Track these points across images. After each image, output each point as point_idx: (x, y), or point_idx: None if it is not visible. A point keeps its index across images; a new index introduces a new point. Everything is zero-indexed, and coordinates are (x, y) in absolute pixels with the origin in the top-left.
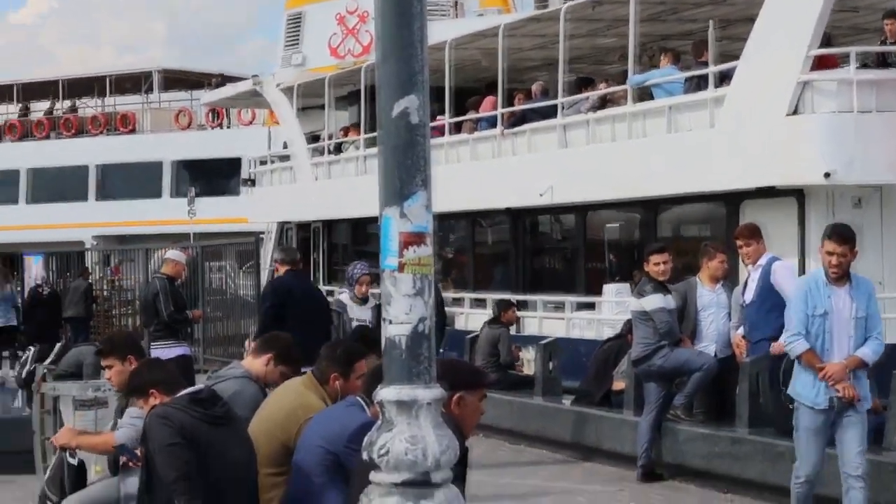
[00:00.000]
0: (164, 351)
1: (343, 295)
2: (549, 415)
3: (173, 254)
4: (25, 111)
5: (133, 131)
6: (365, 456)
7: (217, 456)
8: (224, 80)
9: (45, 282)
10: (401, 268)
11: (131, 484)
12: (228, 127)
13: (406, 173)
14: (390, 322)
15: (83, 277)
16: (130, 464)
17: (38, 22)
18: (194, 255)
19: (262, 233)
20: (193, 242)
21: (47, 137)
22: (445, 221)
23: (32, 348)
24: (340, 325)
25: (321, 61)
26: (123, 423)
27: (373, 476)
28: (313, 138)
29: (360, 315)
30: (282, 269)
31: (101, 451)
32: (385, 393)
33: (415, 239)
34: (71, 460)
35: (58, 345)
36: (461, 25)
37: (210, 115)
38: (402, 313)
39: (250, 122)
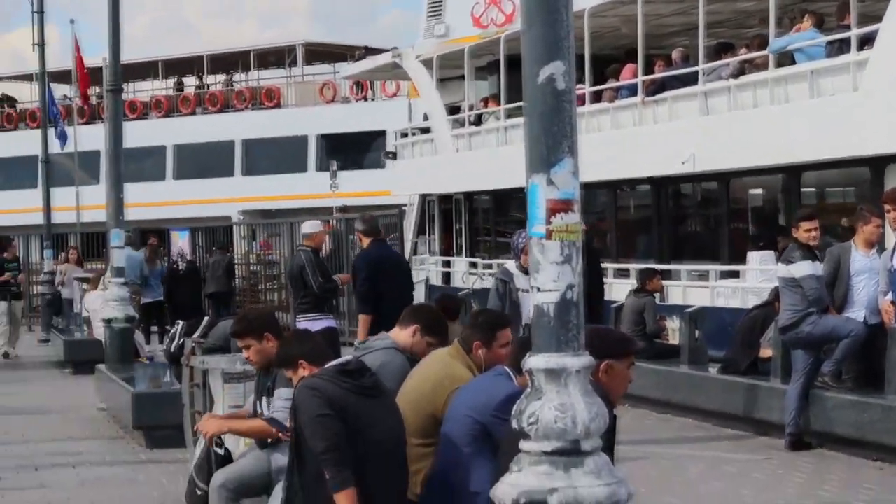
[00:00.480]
0: (310, 324)
1: (509, 264)
2: (695, 383)
3: (310, 225)
4: (180, 86)
5: (278, 106)
6: (514, 425)
7: (366, 427)
8: (367, 52)
9: (182, 257)
10: (548, 235)
11: (281, 457)
12: (373, 99)
13: (552, 140)
14: (538, 290)
15: (222, 252)
16: (280, 436)
17: None
18: (338, 228)
19: (405, 205)
20: (336, 216)
21: (193, 113)
22: (586, 191)
23: (180, 323)
24: (507, 294)
25: (464, 31)
26: (274, 406)
27: (522, 445)
28: (453, 109)
29: (525, 285)
30: (366, 241)
31: (257, 435)
32: (534, 361)
33: (562, 206)
34: (218, 450)
35: (205, 319)
36: None
37: (354, 87)
38: (550, 281)
39: (394, 95)
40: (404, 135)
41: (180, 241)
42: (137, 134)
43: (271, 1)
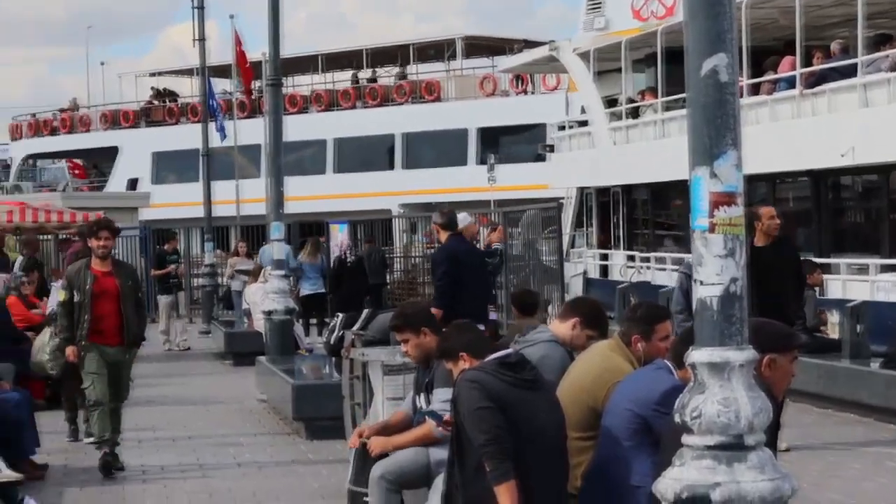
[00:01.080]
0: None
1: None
2: (857, 378)
3: (460, 219)
4: (356, 80)
5: (438, 99)
6: (677, 419)
7: (526, 420)
8: (527, 45)
9: (350, 250)
10: (711, 228)
11: (440, 451)
12: (533, 93)
13: (715, 132)
14: (701, 283)
15: (371, 245)
16: (440, 429)
17: None
18: (495, 221)
19: (563, 199)
20: (494, 209)
21: (353, 107)
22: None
23: (340, 315)
24: (691, 288)
25: (623, 24)
26: (435, 404)
27: (685, 439)
28: (610, 102)
29: None
30: (444, 234)
31: (421, 442)
32: (697, 355)
33: (725, 199)
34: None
35: (365, 311)
36: None
37: (515, 81)
38: (714, 274)
39: (554, 88)
40: (562, 128)
41: (340, 235)
42: (298, 128)
43: None
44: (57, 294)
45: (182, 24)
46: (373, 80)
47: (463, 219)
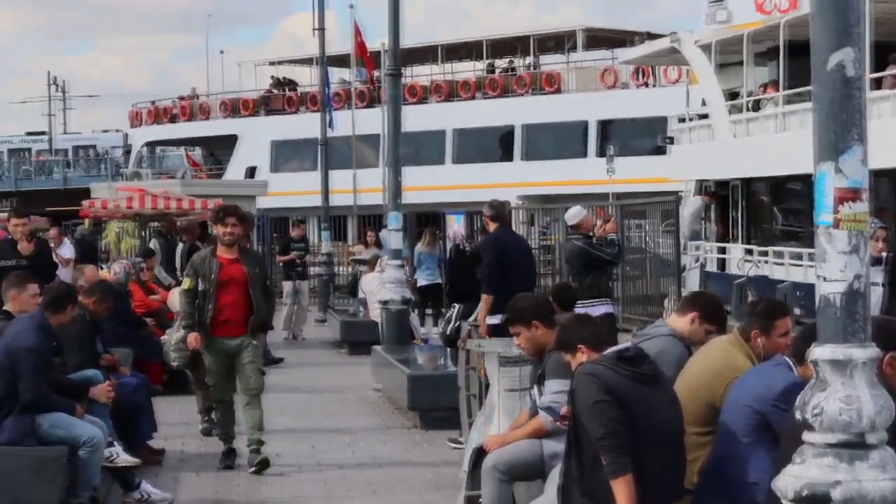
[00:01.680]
0: (588, 309)
1: None
2: None
3: (573, 214)
4: (491, 68)
5: (558, 91)
6: (798, 416)
7: (645, 414)
8: (649, 37)
9: (465, 240)
10: (836, 224)
11: (554, 443)
12: (654, 86)
13: (841, 127)
14: (825, 279)
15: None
16: (558, 424)
17: None
18: (611, 214)
19: (681, 192)
20: (612, 202)
21: (472, 98)
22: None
23: (456, 306)
24: None
25: (746, 17)
26: (549, 396)
27: (805, 436)
28: (731, 95)
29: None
30: (493, 225)
31: (535, 436)
32: (819, 352)
33: (850, 195)
34: None
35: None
36: None
37: (636, 73)
38: (837, 270)
39: (676, 81)
40: (682, 120)
41: (455, 225)
42: (417, 118)
43: None
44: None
45: (301, 14)
46: (509, 69)
47: (576, 214)
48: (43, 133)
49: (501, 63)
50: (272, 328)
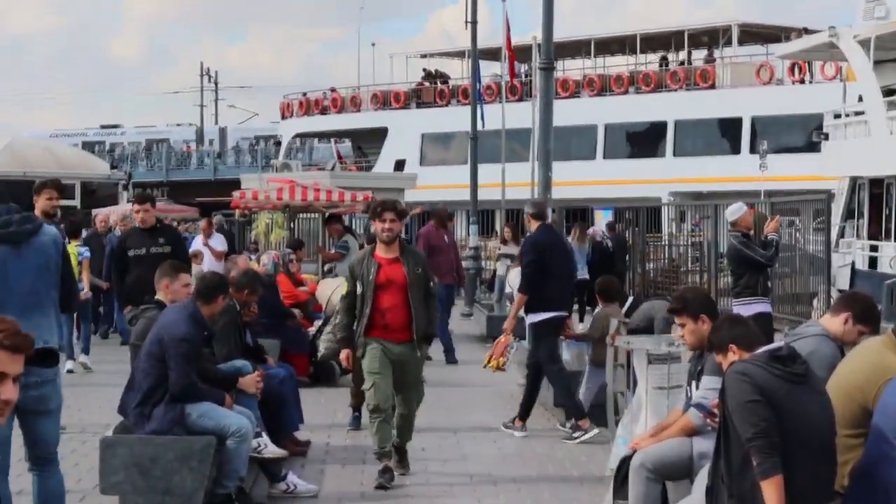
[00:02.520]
0: (743, 308)
1: None
2: None
3: (732, 210)
4: (664, 61)
5: (712, 87)
6: None
7: (796, 415)
8: (805, 33)
9: (605, 235)
10: None
11: (704, 441)
12: (810, 82)
13: None
14: None
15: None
16: (708, 421)
17: None
18: (762, 212)
19: (833, 190)
20: (763, 199)
21: (626, 93)
22: None
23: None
24: None
25: None
26: (700, 392)
27: None
28: (888, 92)
29: None
30: (534, 224)
31: (684, 434)
32: None
33: None
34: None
35: (630, 298)
36: None
37: (792, 70)
38: None
39: (833, 78)
40: (837, 116)
41: (603, 221)
42: (569, 112)
43: None
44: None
45: (452, 7)
46: (683, 63)
47: (735, 211)
48: (117, 126)
49: (674, 56)
50: (436, 336)
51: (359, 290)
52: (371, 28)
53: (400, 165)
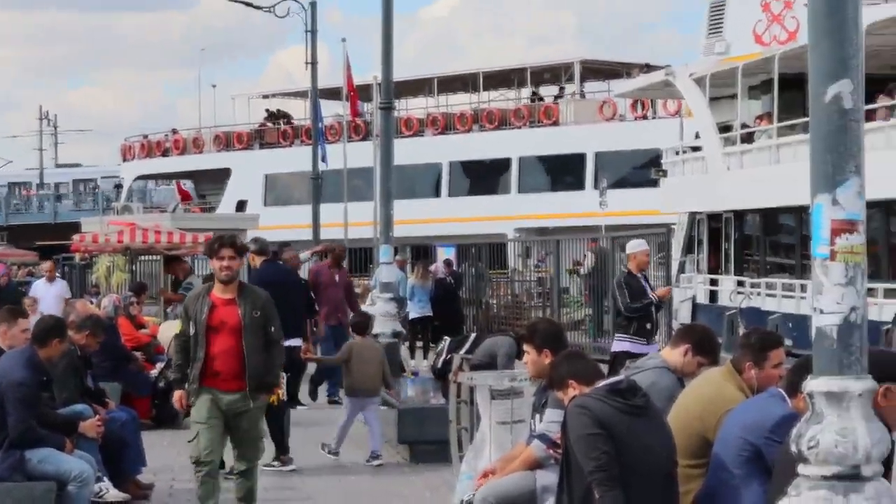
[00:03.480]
0: (614, 342)
1: None
2: None
3: (632, 244)
4: (538, 96)
5: (555, 123)
6: (793, 448)
7: (636, 446)
8: (648, 69)
9: (450, 273)
10: (832, 256)
11: (547, 475)
12: (653, 118)
13: (838, 159)
14: (821, 312)
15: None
16: (551, 452)
17: (449, 15)
18: (604, 247)
19: (674, 224)
20: (604, 234)
21: (469, 131)
22: None
23: (447, 339)
24: None
25: (744, 49)
26: (544, 424)
27: (801, 469)
28: (724, 129)
29: None
30: (258, 260)
31: (528, 467)
32: (815, 384)
33: (847, 227)
34: None
35: (472, 335)
36: (880, 10)
37: (635, 106)
38: (834, 303)
39: (675, 114)
40: (675, 153)
41: (446, 257)
42: (412, 151)
43: (539, 21)
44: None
45: (294, 48)
46: (538, 97)
47: (634, 245)
48: None
49: (457, 98)
50: (277, 385)
51: (191, 330)
52: (213, 70)
53: (241, 206)
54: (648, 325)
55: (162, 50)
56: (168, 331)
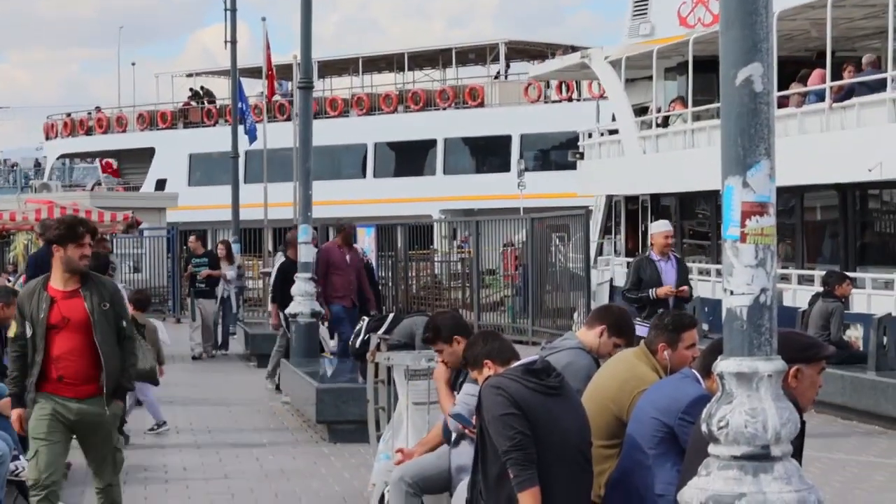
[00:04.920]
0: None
1: None
2: (882, 390)
3: (655, 224)
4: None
5: (481, 105)
6: (704, 428)
7: (551, 426)
8: (572, 50)
9: (364, 254)
10: (742, 238)
11: (462, 455)
12: (578, 100)
13: (749, 142)
14: (731, 293)
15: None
16: (466, 431)
17: None
18: (525, 228)
19: (591, 206)
20: (522, 216)
21: (395, 111)
22: None
23: (365, 319)
24: None
25: (669, 31)
26: (459, 400)
27: (711, 449)
28: (641, 111)
29: None
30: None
31: (441, 443)
32: (725, 365)
33: (757, 209)
34: None
35: (391, 315)
36: None
37: (560, 87)
38: (744, 284)
39: (600, 95)
40: (591, 136)
41: (366, 238)
42: (337, 131)
43: (459, 1)
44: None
45: (213, 26)
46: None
47: (656, 226)
48: None
49: (382, 78)
50: (132, 389)
51: (29, 332)
52: (132, 48)
53: (161, 185)
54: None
55: (79, 28)
56: None
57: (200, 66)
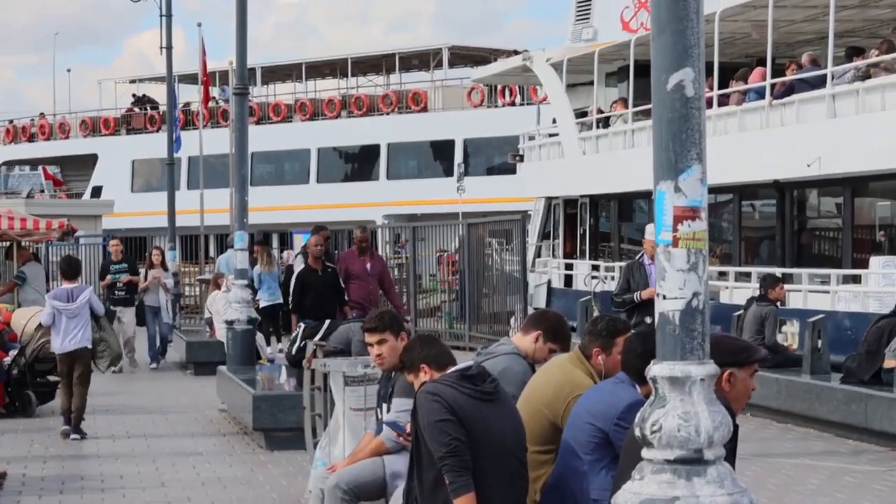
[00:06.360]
0: None
1: None
2: (816, 393)
3: (649, 228)
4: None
5: (424, 109)
6: (637, 432)
7: (486, 432)
8: (516, 55)
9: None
10: (675, 242)
11: (397, 461)
12: (522, 104)
13: (680, 147)
14: (664, 297)
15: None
16: (401, 439)
17: (306, 1)
18: (461, 232)
19: (530, 210)
20: (461, 220)
21: (338, 117)
22: (710, 194)
23: (301, 326)
24: None
25: (611, 35)
26: (393, 410)
27: (645, 453)
28: (582, 114)
29: None
30: None
31: (377, 454)
32: (658, 369)
33: (689, 213)
34: None
35: (327, 321)
36: None
37: (503, 92)
38: (676, 288)
39: (544, 99)
40: (531, 138)
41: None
42: (282, 137)
43: (397, 6)
44: None
45: (150, 32)
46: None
47: (650, 230)
48: None
49: (325, 84)
50: None
51: None
52: (67, 54)
53: (97, 192)
54: (648, 320)
55: (13, 35)
56: (20, 317)
57: (137, 72)
